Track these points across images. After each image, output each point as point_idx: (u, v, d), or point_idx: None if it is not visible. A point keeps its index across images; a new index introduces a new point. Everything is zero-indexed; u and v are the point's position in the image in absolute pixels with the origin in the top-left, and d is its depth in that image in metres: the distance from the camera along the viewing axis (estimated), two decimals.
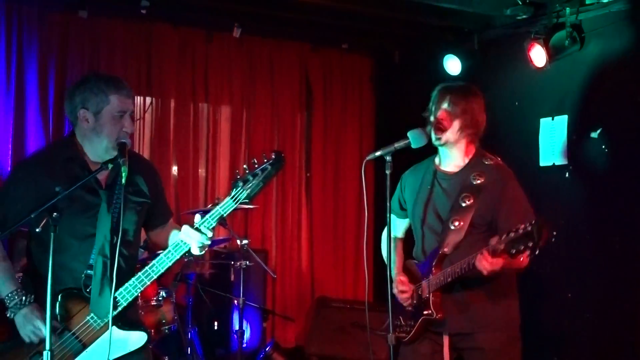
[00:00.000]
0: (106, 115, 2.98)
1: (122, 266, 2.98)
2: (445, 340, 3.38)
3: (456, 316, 3.34)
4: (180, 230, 3.18)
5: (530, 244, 2.92)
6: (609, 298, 4.96)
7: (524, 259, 3.05)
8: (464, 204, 3.30)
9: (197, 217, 3.00)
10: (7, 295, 2.94)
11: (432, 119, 3.40)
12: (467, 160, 3.44)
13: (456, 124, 3.37)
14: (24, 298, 2.93)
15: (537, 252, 2.93)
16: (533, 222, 2.93)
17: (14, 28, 5.65)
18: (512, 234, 2.98)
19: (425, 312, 3.35)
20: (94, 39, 6.00)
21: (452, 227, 3.31)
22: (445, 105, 3.37)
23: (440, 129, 3.37)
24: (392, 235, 3.65)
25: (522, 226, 2.96)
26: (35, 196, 2.90)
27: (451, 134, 3.37)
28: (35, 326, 2.89)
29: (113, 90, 2.99)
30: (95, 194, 3.02)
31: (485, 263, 3.07)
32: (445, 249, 3.31)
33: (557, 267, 5.28)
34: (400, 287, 3.46)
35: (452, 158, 3.46)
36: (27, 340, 2.91)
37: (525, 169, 5.45)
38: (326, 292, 6.93)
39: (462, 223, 3.29)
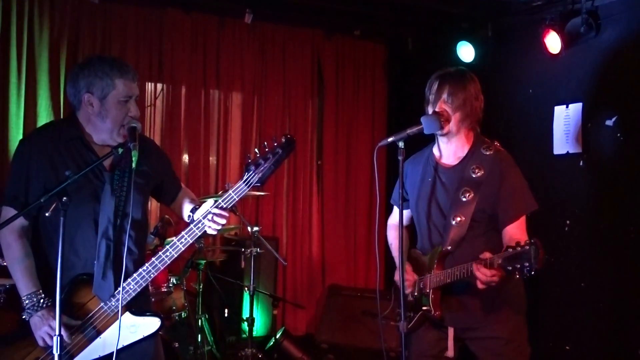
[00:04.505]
0: (112, 100, 2.95)
1: (131, 249, 2.99)
2: (450, 332, 3.36)
3: (458, 313, 3.32)
4: (190, 199, 3.27)
5: (527, 265, 2.83)
6: (622, 287, 4.92)
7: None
8: (464, 199, 3.25)
9: (210, 201, 2.98)
10: (25, 296, 2.91)
11: (430, 110, 3.33)
12: (466, 151, 3.37)
13: (458, 115, 3.29)
14: (41, 301, 2.90)
15: (532, 274, 2.84)
16: (531, 241, 2.84)
17: (26, 13, 5.65)
18: (510, 250, 2.90)
19: (424, 308, 3.33)
20: (105, 25, 6.00)
21: (454, 223, 3.26)
22: (444, 96, 3.28)
23: (442, 121, 3.29)
24: (396, 223, 3.63)
25: (520, 244, 2.87)
26: (47, 168, 2.90)
27: (453, 124, 3.30)
28: (51, 327, 2.85)
29: (118, 74, 2.95)
30: (99, 177, 3.00)
31: (481, 275, 3.00)
32: (449, 247, 3.27)
33: (570, 255, 5.24)
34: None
35: (452, 148, 3.39)
36: (41, 343, 2.88)
37: (539, 157, 5.43)
38: (337, 280, 6.93)
39: (463, 218, 3.24)
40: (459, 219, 3.25)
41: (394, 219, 3.75)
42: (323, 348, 6.13)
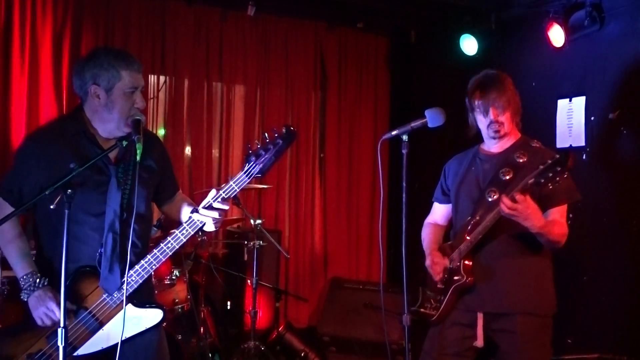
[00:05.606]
0: (117, 91, 2.94)
1: (134, 242, 2.98)
2: (480, 318, 3.36)
3: (491, 293, 3.34)
4: (189, 203, 3.23)
5: (559, 169, 2.93)
6: (625, 281, 4.91)
7: (558, 227, 3.13)
8: (503, 178, 3.30)
9: (213, 191, 2.98)
10: (22, 277, 2.94)
11: (487, 121, 3.40)
12: (510, 143, 3.47)
13: (508, 115, 3.40)
14: (38, 280, 2.92)
15: (565, 175, 2.95)
16: (561, 152, 2.97)
17: (29, 5, 5.64)
18: (541, 167, 2.99)
19: (455, 278, 3.34)
20: (108, 17, 5.99)
21: (489, 199, 3.29)
22: (492, 101, 3.37)
23: (499, 127, 3.40)
24: (432, 221, 3.80)
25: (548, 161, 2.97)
26: (47, 168, 2.90)
27: (506, 126, 3.42)
28: (48, 308, 2.87)
29: (124, 65, 2.94)
30: (104, 170, 2.99)
31: (507, 201, 3.04)
32: (477, 217, 3.28)
33: (573, 249, 5.22)
34: (434, 259, 3.46)
35: (500, 143, 3.49)
36: (39, 323, 2.90)
37: None
38: (339, 272, 6.93)
39: (498, 195, 3.26)
40: (494, 195, 3.30)
41: (430, 217, 3.87)
42: (325, 340, 6.14)
